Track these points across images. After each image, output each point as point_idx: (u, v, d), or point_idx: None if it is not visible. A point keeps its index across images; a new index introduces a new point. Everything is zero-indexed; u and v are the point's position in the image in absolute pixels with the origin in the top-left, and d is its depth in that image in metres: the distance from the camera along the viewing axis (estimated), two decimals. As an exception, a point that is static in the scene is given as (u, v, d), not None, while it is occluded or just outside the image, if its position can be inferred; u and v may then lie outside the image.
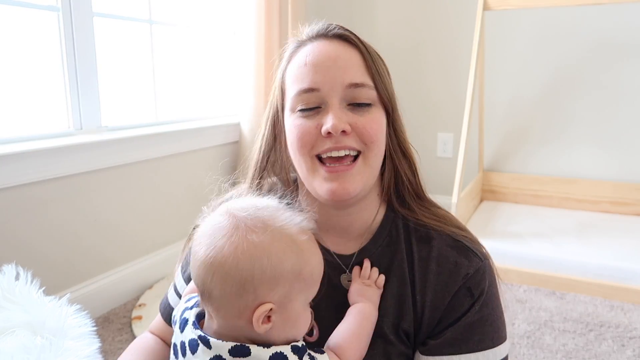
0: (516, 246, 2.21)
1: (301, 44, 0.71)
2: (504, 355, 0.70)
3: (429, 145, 3.04)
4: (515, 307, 1.89)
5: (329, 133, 0.64)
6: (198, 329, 0.59)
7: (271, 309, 0.56)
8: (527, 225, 2.50)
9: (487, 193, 2.97)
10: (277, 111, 0.74)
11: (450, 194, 2.31)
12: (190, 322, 0.61)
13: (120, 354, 0.86)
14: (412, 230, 0.73)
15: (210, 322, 0.60)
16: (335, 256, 0.74)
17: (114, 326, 1.73)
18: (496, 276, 0.73)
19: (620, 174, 2.69)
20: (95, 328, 1.04)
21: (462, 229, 0.75)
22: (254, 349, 0.56)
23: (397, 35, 3.03)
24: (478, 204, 2.89)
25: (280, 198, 0.76)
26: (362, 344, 0.66)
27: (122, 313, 1.81)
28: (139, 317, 1.76)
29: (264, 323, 0.56)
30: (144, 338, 0.83)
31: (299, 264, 0.57)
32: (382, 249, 0.73)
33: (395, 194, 0.75)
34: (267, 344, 0.57)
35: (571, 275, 2.03)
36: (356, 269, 0.73)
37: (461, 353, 0.68)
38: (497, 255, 2.19)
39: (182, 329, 0.62)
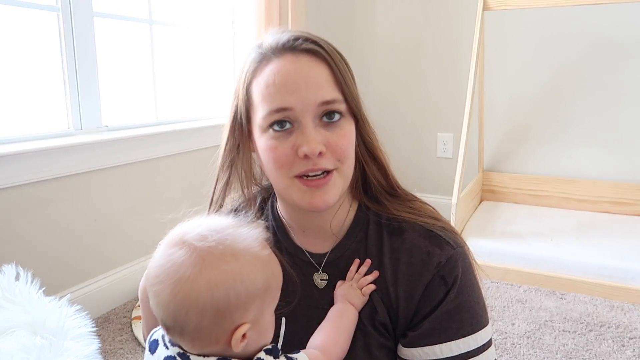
0: (516, 246, 2.21)
1: (265, 58, 0.69)
2: (485, 341, 0.70)
3: (429, 145, 3.04)
4: (515, 307, 1.89)
5: (305, 155, 0.65)
6: (176, 346, 0.59)
7: (248, 328, 0.57)
8: (527, 225, 2.50)
9: (487, 193, 2.97)
10: (242, 124, 0.73)
11: (450, 194, 2.31)
12: (166, 340, 0.61)
13: (121, 354, 0.86)
14: (384, 225, 0.75)
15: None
16: (309, 255, 0.77)
17: (114, 326, 1.73)
18: (473, 262, 0.74)
19: (620, 174, 2.69)
20: (95, 328, 1.04)
21: (437, 218, 0.76)
22: None
23: (397, 35, 3.03)
24: (478, 204, 2.89)
25: (247, 208, 0.78)
26: (344, 341, 0.68)
27: (122, 313, 1.81)
28: (139, 317, 1.76)
29: (241, 342, 0.57)
30: None
31: (268, 279, 0.59)
32: (355, 244, 0.75)
33: (365, 194, 0.78)
34: (246, 358, 0.59)
35: (571, 275, 2.03)
36: (351, 271, 0.75)
37: (441, 342, 0.68)
38: (497, 255, 2.20)
39: (152, 351, 0.62)
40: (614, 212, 2.68)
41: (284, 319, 0.74)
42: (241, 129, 0.73)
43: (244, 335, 0.57)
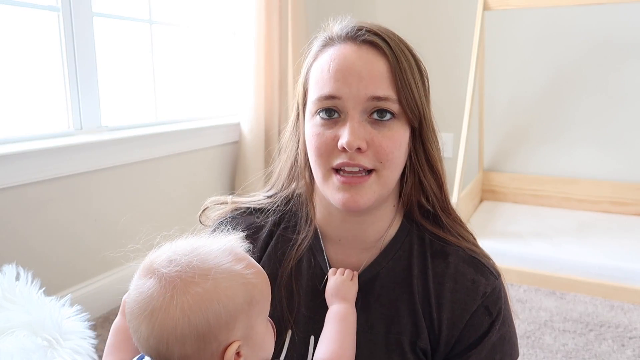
0: (516, 246, 2.21)
1: (328, 43, 0.68)
2: None
3: (429, 145, 3.03)
4: (515, 307, 1.89)
5: (344, 148, 0.63)
6: None
7: (239, 346, 0.54)
8: (527, 225, 2.50)
9: (487, 193, 2.97)
10: (299, 109, 0.73)
11: (450, 194, 2.31)
12: None
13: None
14: (427, 245, 0.72)
15: None
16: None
17: (114, 326, 1.73)
18: (507, 292, 0.73)
19: (620, 174, 2.69)
20: (95, 328, 1.03)
21: (477, 246, 0.74)
22: None
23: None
24: (478, 204, 2.89)
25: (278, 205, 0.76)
26: (349, 348, 0.65)
27: (122, 313, 1.81)
28: (139, 317, 1.76)
29: None
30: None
31: (249, 293, 0.55)
32: (393, 262, 0.71)
33: (418, 207, 0.74)
34: None
35: (571, 275, 2.03)
36: (332, 269, 0.71)
37: None
38: (497, 255, 2.17)
39: None
40: (614, 212, 2.67)
41: (289, 332, 0.70)
42: (297, 110, 0.73)
43: (238, 354, 0.54)
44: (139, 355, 0.61)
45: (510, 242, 2.26)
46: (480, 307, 0.68)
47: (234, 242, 0.59)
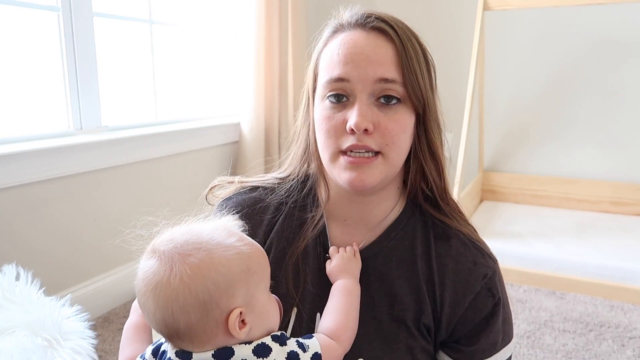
0: (516, 246, 2.21)
1: (338, 30, 0.71)
2: (513, 348, 0.76)
3: (429, 145, 3.03)
4: (515, 307, 1.90)
5: (352, 130, 0.65)
6: (175, 349, 0.59)
7: (241, 312, 0.57)
8: (527, 225, 2.50)
9: (487, 193, 2.97)
10: (309, 94, 0.75)
11: (450, 193, 2.31)
12: (169, 349, 0.60)
13: (120, 354, 0.86)
14: (430, 227, 0.75)
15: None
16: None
17: (114, 326, 1.73)
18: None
19: (620, 174, 2.69)
20: (95, 328, 1.04)
21: (475, 233, 0.77)
22: (236, 347, 0.57)
23: (397, 35, 3.03)
24: (478, 204, 2.89)
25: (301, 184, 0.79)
26: (353, 320, 0.67)
27: (122, 313, 1.82)
28: (139, 317, 1.76)
29: (242, 328, 0.57)
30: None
31: (244, 262, 0.59)
32: (395, 242, 0.74)
33: (421, 192, 0.76)
34: (249, 341, 0.58)
35: (571, 275, 2.03)
36: (333, 247, 0.74)
37: (491, 355, 0.71)
38: (497, 256, 2.18)
39: None
40: (614, 212, 2.68)
41: (295, 309, 0.72)
42: (307, 95, 0.75)
43: (243, 321, 0.57)
44: (155, 341, 0.64)
45: (510, 242, 2.26)
46: (484, 289, 0.71)
47: (228, 222, 0.63)
